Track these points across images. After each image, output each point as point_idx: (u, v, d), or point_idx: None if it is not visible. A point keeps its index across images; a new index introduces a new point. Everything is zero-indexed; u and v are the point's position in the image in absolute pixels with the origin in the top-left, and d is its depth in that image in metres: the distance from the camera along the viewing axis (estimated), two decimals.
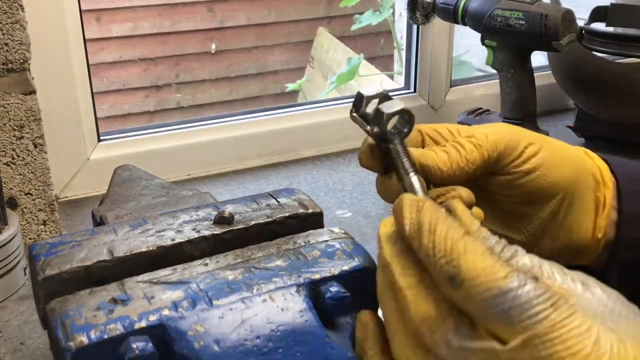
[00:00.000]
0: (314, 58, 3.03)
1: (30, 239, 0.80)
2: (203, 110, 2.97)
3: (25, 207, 0.79)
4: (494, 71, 1.04)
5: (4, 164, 0.76)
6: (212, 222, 0.51)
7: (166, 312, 0.40)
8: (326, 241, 0.48)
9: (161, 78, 2.94)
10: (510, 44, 0.98)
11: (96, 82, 1.66)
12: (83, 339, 0.38)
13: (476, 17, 1.00)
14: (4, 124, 0.75)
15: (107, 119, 2.80)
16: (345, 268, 0.45)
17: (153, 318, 0.40)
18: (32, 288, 0.50)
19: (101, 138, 1.01)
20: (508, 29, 0.96)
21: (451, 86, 1.25)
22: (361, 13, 2.41)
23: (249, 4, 3.02)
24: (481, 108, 1.09)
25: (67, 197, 0.98)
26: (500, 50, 0.99)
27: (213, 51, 2.99)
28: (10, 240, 0.71)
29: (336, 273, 0.45)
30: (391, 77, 2.37)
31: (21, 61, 0.75)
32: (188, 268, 0.45)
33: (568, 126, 1.17)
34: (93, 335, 0.38)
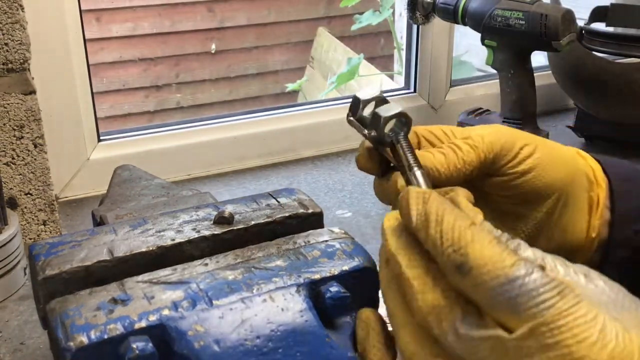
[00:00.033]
0: (314, 58, 3.03)
1: (30, 239, 0.80)
2: (203, 110, 2.97)
3: (25, 207, 0.79)
4: (494, 71, 1.04)
5: (4, 164, 0.77)
6: (212, 222, 0.51)
7: (166, 312, 0.40)
8: (326, 241, 0.48)
9: (161, 78, 2.94)
10: (510, 44, 0.98)
11: (96, 82, 1.66)
12: (83, 339, 0.38)
13: (476, 17, 1.00)
14: (4, 124, 0.75)
15: (107, 119, 2.80)
16: (345, 268, 0.45)
17: (153, 318, 0.40)
18: (32, 288, 0.50)
19: (101, 138, 1.01)
20: (508, 29, 0.96)
21: (451, 86, 1.25)
22: (361, 13, 2.41)
23: (249, 4, 3.02)
24: (481, 108, 1.09)
25: (67, 197, 0.98)
26: (500, 50, 0.99)
27: (213, 51, 2.99)
28: (10, 240, 0.71)
29: (336, 273, 0.45)
30: (391, 77, 2.37)
31: (21, 61, 0.75)
32: (188, 268, 0.45)
33: (568, 126, 1.17)
34: (93, 335, 0.38)
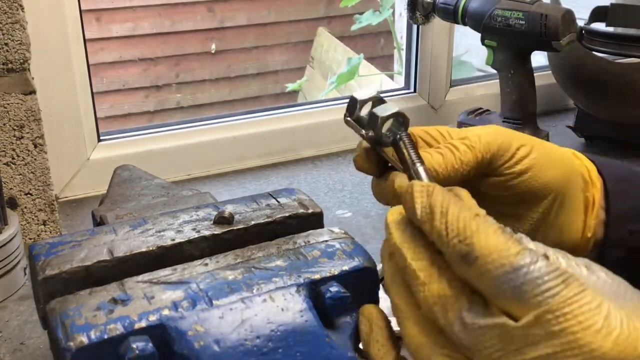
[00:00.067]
0: (314, 58, 3.03)
1: (30, 239, 0.80)
2: (203, 110, 2.97)
3: (25, 207, 0.79)
4: (494, 71, 1.04)
5: (4, 164, 0.77)
6: (212, 222, 0.51)
7: (166, 312, 0.40)
8: (326, 241, 0.48)
9: (161, 78, 2.94)
10: (510, 44, 0.98)
11: (96, 82, 1.66)
12: (83, 339, 0.38)
13: (476, 17, 1.00)
14: (4, 124, 0.75)
15: (107, 119, 2.80)
16: (345, 268, 0.45)
17: (153, 318, 0.40)
18: (32, 288, 0.50)
19: (101, 138, 1.01)
20: (508, 29, 0.96)
21: (451, 86, 1.25)
22: (361, 13, 2.41)
23: (249, 4, 3.02)
24: (481, 108, 1.09)
25: (67, 197, 0.98)
26: (500, 50, 0.99)
27: (213, 51, 2.99)
28: (10, 240, 0.71)
29: (336, 273, 0.45)
30: (391, 77, 2.37)
31: (21, 61, 0.75)
32: (188, 268, 0.45)
33: (568, 126, 1.17)
34: (93, 335, 0.38)
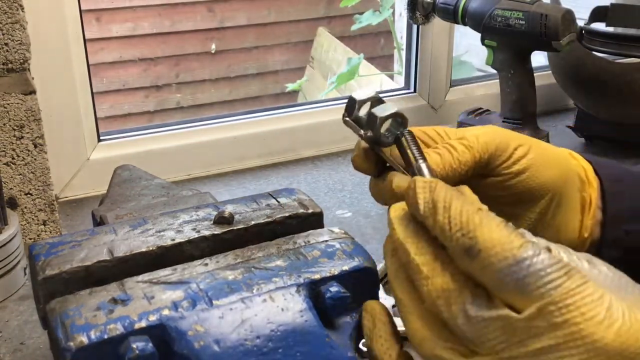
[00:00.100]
0: (314, 58, 3.03)
1: (30, 239, 0.80)
2: (203, 110, 2.97)
3: (25, 207, 0.79)
4: (494, 71, 1.04)
5: (4, 164, 0.76)
6: (212, 222, 0.51)
7: (166, 312, 0.40)
8: (326, 241, 0.48)
9: (161, 78, 2.94)
10: (510, 44, 0.98)
11: (96, 82, 1.66)
12: (83, 339, 0.38)
13: (476, 17, 1.00)
14: (4, 124, 0.75)
15: (107, 119, 2.80)
16: (345, 268, 0.45)
17: (153, 318, 0.40)
18: (32, 288, 0.50)
19: (101, 138, 1.01)
20: (508, 29, 0.96)
21: (451, 86, 1.25)
22: (361, 13, 2.41)
23: (249, 4, 3.02)
24: (481, 108, 1.09)
25: (67, 197, 0.98)
26: (500, 50, 0.99)
27: (213, 51, 2.99)
28: (10, 240, 0.71)
29: (336, 273, 0.45)
30: (391, 77, 2.37)
31: (21, 61, 0.75)
32: (188, 268, 0.45)
33: (568, 126, 1.17)
34: (93, 335, 0.38)
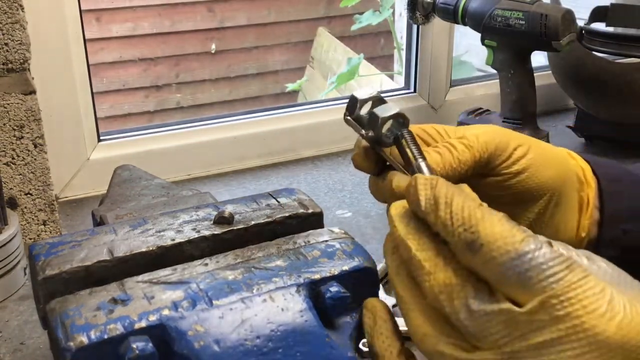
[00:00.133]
0: (314, 58, 3.03)
1: (30, 239, 0.80)
2: (203, 110, 2.97)
3: (25, 207, 0.79)
4: (494, 71, 1.04)
5: (4, 164, 0.76)
6: (212, 222, 0.51)
7: (166, 312, 0.40)
8: (326, 241, 0.48)
9: (161, 78, 2.94)
10: (510, 44, 0.98)
11: (96, 82, 1.66)
12: (83, 339, 0.38)
13: (476, 17, 1.00)
14: (4, 124, 0.75)
15: (107, 119, 2.80)
16: (345, 268, 0.45)
17: (153, 318, 0.40)
18: (32, 288, 0.50)
19: (101, 138, 1.01)
20: (508, 29, 0.96)
21: (451, 86, 1.25)
22: (361, 13, 2.41)
23: (249, 4, 3.02)
24: (481, 108, 1.09)
25: (67, 197, 0.98)
26: (500, 50, 0.99)
27: (213, 51, 2.99)
28: (10, 240, 0.71)
29: (336, 273, 0.45)
30: (391, 77, 2.37)
31: (21, 61, 0.75)
32: (188, 268, 0.45)
33: (568, 126, 1.17)
34: (93, 335, 0.38)
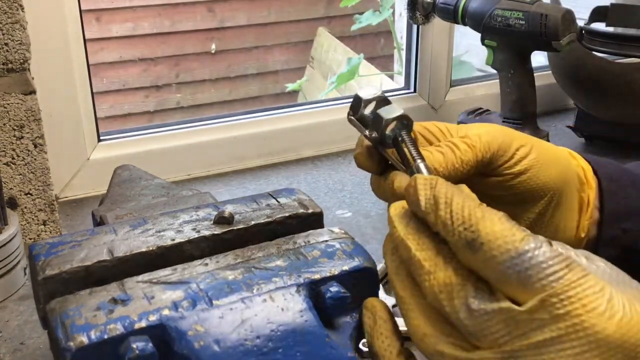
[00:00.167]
0: (314, 58, 3.03)
1: (30, 239, 0.80)
2: (203, 110, 2.97)
3: (25, 207, 0.79)
4: (494, 71, 1.04)
5: (4, 164, 0.76)
6: (212, 222, 0.51)
7: (166, 312, 0.40)
8: (326, 241, 0.48)
9: (161, 78, 2.94)
10: (510, 44, 0.98)
11: (96, 82, 1.66)
12: (83, 339, 0.38)
13: (476, 17, 1.00)
14: (4, 124, 0.75)
15: (107, 119, 2.80)
16: (345, 268, 0.45)
17: (153, 318, 0.40)
18: (32, 288, 0.50)
19: (101, 138, 1.01)
20: (508, 29, 0.96)
21: (451, 86, 1.25)
22: (361, 13, 2.41)
23: (249, 4, 3.02)
24: (481, 108, 1.09)
25: (67, 197, 0.98)
26: (500, 50, 0.99)
27: (213, 51, 2.99)
28: (10, 240, 0.71)
29: (336, 273, 0.45)
30: (391, 77, 2.37)
31: (21, 61, 0.75)
32: (188, 268, 0.45)
33: (568, 126, 1.17)
34: (93, 335, 0.38)
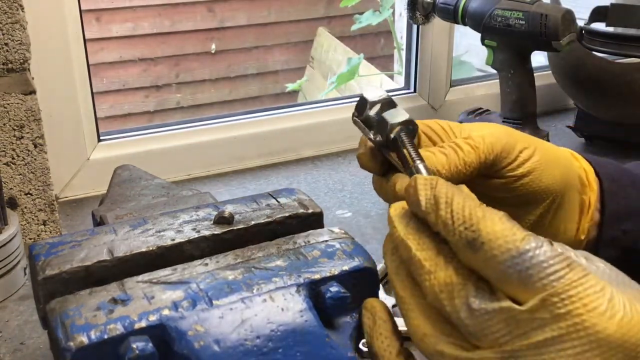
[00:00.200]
0: (314, 58, 3.03)
1: (30, 239, 0.80)
2: (203, 110, 2.97)
3: (25, 207, 0.79)
4: (494, 71, 1.04)
5: (4, 164, 0.76)
6: (212, 222, 0.51)
7: (166, 312, 0.40)
8: (326, 241, 0.48)
9: (161, 78, 2.94)
10: (510, 44, 0.98)
11: (96, 82, 1.66)
12: (83, 339, 0.38)
13: (476, 17, 1.00)
14: (4, 124, 0.75)
15: (107, 119, 2.80)
16: (345, 268, 0.45)
17: (153, 318, 0.40)
18: (32, 288, 0.50)
19: (101, 138, 1.01)
20: (508, 29, 0.96)
21: (451, 86, 1.25)
22: (361, 13, 2.41)
23: (249, 4, 3.02)
24: (481, 108, 1.09)
25: (67, 197, 0.98)
26: (500, 50, 0.99)
27: (213, 51, 2.99)
28: (10, 240, 0.71)
29: (336, 273, 0.45)
30: (391, 77, 2.37)
31: (21, 61, 0.75)
32: (188, 268, 0.45)
33: (568, 126, 1.17)
34: (93, 335, 0.38)
